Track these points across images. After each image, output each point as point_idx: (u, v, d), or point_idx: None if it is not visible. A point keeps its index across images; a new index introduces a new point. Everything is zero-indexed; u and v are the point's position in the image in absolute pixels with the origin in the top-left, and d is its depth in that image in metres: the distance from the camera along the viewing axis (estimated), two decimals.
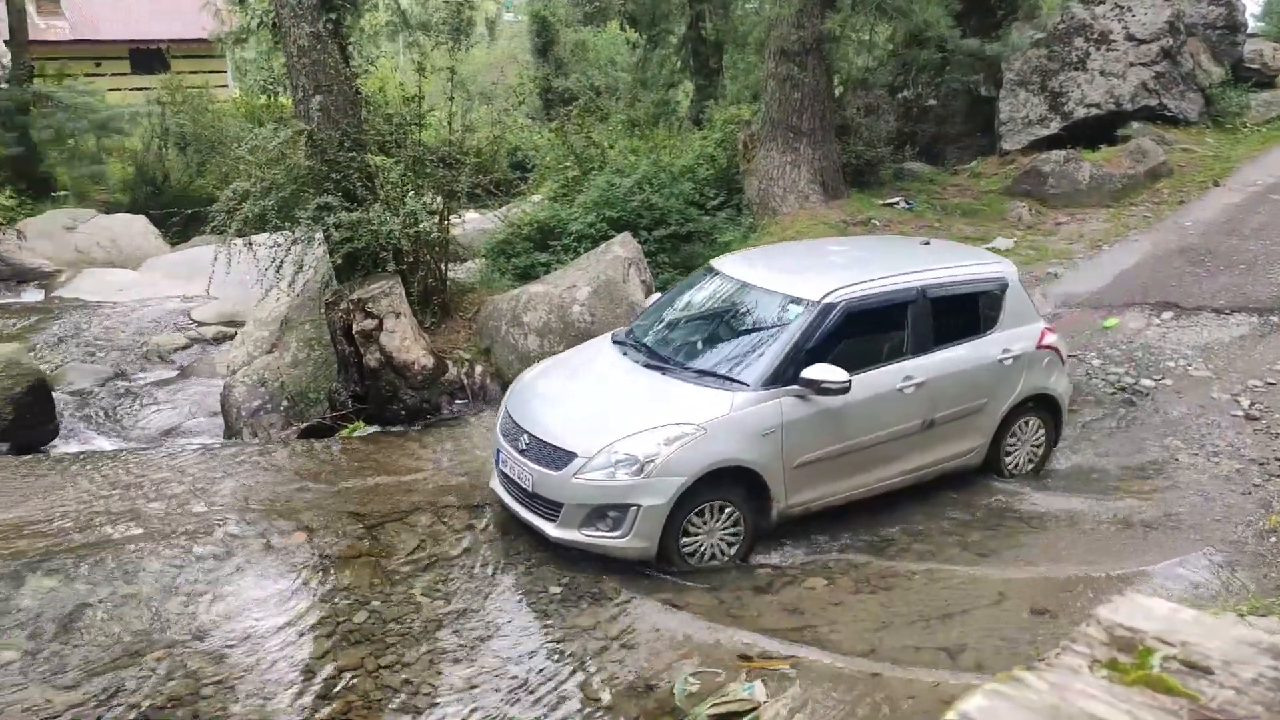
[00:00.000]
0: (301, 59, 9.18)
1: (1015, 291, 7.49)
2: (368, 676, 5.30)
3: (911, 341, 6.94)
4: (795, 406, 6.37)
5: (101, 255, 17.49)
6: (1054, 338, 7.70)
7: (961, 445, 7.29)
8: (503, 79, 29.01)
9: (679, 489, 6.05)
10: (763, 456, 6.31)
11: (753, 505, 6.42)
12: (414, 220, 9.06)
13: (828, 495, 6.74)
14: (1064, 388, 7.79)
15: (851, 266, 7.34)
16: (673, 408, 6.29)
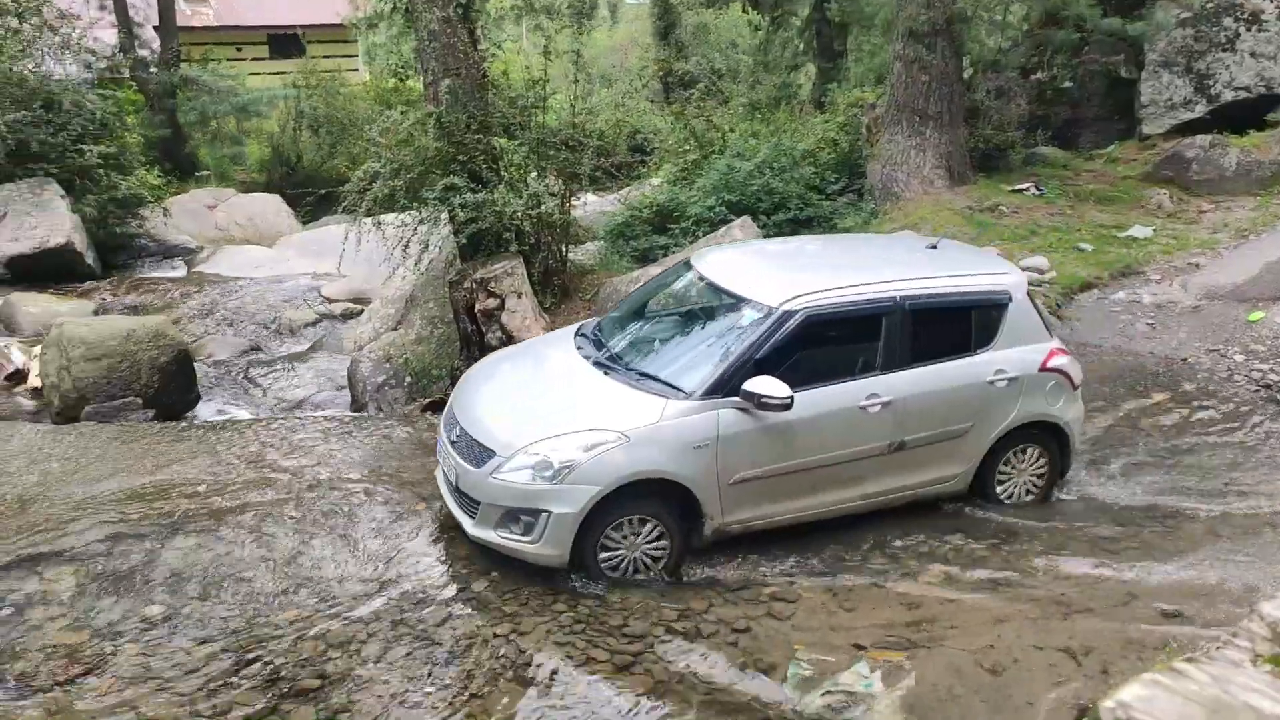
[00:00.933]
0: (432, 43, 9.40)
1: (1020, 307, 6.79)
2: (484, 645, 5.45)
3: (883, 356, 6.39)
4: (735, 420, 5.98)
5: (239, 233, 18.27)
6: (1063, 360, 6.92)
7: (940, 471, 6.71)
8: (624, 62, 29.15)
9: (592, 498, 5.75)
10: (693, 470, 5.93)
11: (681, 520, 6.08)
12: (536, 202, 9.20)
13: (773, 515, 6.33)
14: (1073, 415, 7.01)
15: (830, 270, 6.82)
16: (602, 412, 6.00)
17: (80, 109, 14.93)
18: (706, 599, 5.85)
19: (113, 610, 5.74)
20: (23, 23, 15.61)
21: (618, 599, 5.85)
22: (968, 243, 11.31)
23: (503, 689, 5.16)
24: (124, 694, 5.07)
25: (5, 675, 5.15)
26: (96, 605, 5.77)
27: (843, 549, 6.53)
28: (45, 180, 14.41)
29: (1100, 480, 7.61)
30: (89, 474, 7.41)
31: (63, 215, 14.11)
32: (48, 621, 5.65)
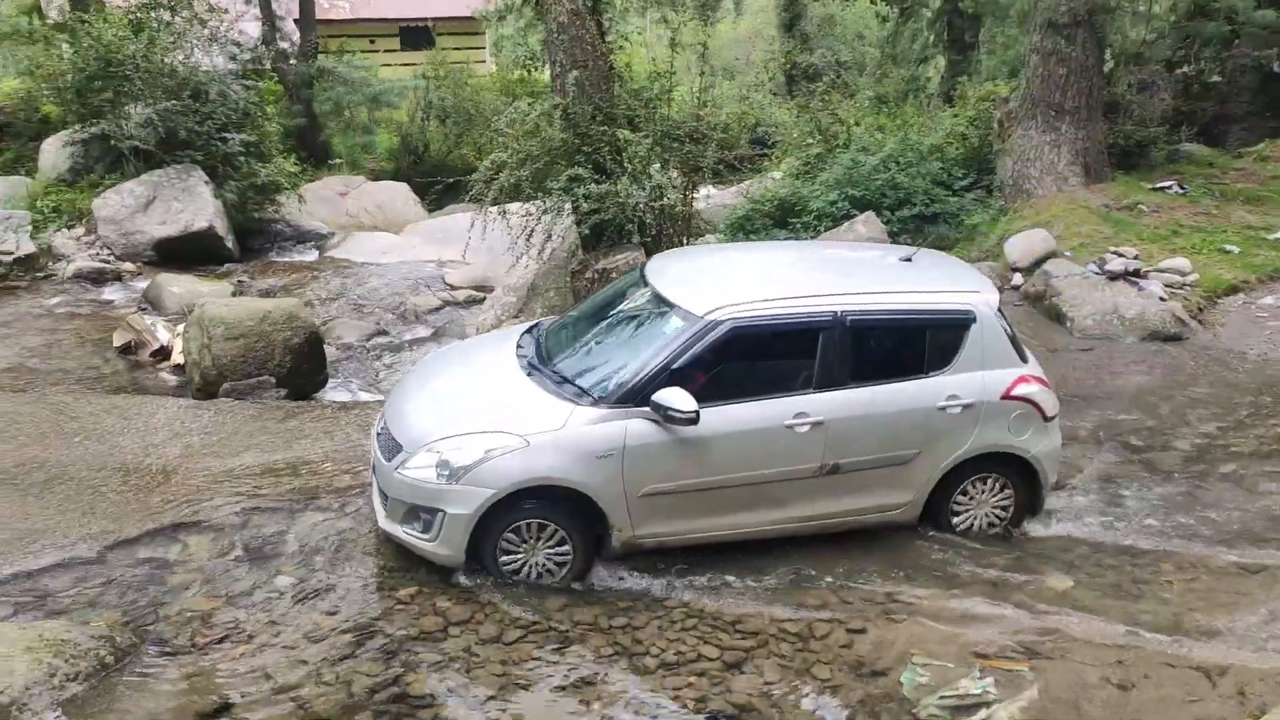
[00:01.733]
0: (560, 35, 9.51)
1: (987, 329, 6.27)
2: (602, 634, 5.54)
3: (818, 374, 6.04)
4: (645, 431, 5.78)
5: (368, 220, 18.83)
6: (1031, 389, 6.36)
7: (882, 498, 6.34)
8: (747, 55, 28.97)
9: (486, 501, 5.69)
10: (596, 480, 5.77)
11: (585, 529, 5.94)
12: (659, 194, 9.23)
13: (691, 531, 6.12)
14: (1043, 448, 6.47)
15: (776, 280, 6.47)
16: (510, 415, 5.91)
17: (225, 99, 15.60)
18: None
19: (246, 579, 6.02)
20: (175, 16, 16.38)
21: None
22: (1102, 241, 10.91)
23: (612, 677, 5.23)
24: (255, 659, 5.30)
25: (150, 636, 5.44)
26: (231, 574, 6.05)
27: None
28: (191, 167, 15.12)
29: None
30: (226, 448, 7.76)
31: (206, 200, 14.78)
32: (186, 587, 5.95)
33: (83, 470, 7.23)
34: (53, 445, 7.64)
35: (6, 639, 4.98)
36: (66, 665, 4.96)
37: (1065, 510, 7.00)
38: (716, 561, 6.23)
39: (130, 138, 14.88)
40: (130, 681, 5.07)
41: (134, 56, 15.03)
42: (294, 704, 4.97)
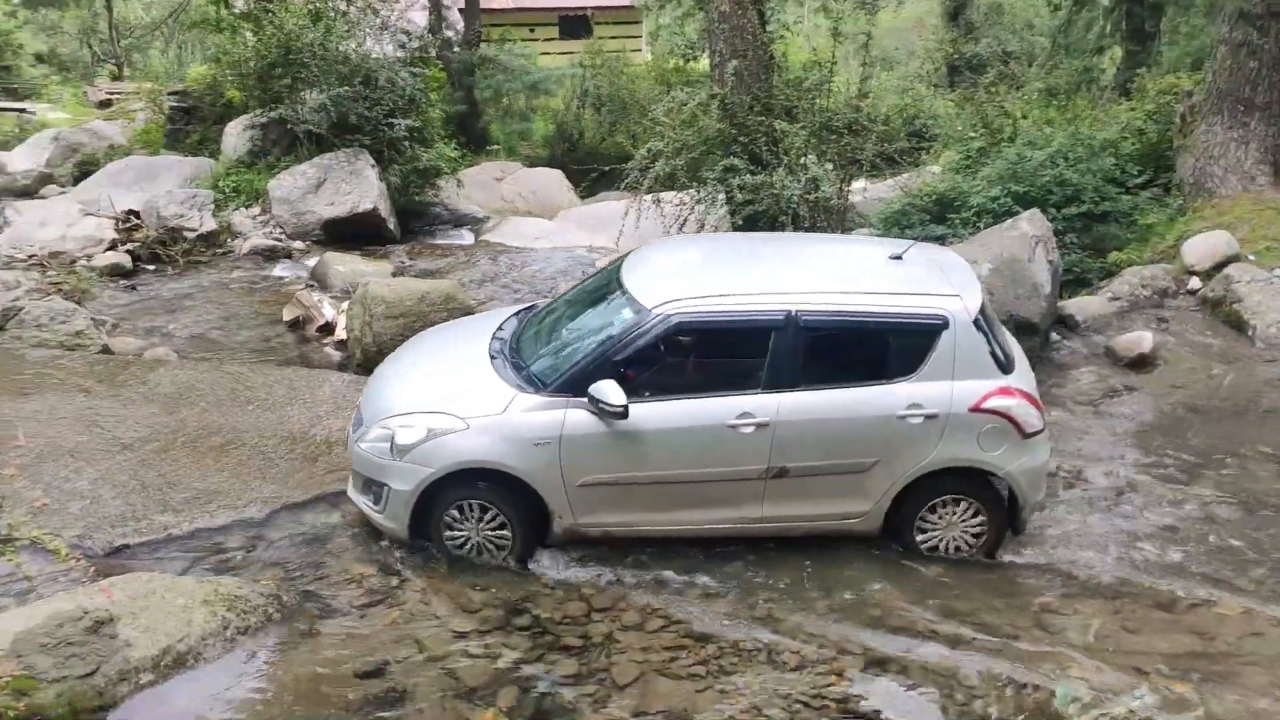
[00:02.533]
0: (721, 24, 9.49)
1: (961, 336, 5.85)
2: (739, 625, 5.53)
3: (767, 374, 5.82)
4: (582, 421, 5.75)
5: (523, 205, 19.24)
6: (1006, 402, 5.89)
7: (838, 507, 6.07)
8: (908, 44, 28.26)
9: (425, 480, 5.85)
10: (533, 466, 5.82)
11: (525, 514, 6.00)
12: (815, 186, 9.11)
13: (635, 524, 6.07)
14: (1020, 465, 5.99)
15: (735, 275, 6.26)
16: (459, 396, 6.02)
17: (394, 86, 16.17)
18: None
19: (401, 549, 6.25)
20: (350, 5, 17.08)
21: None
22: None
23: (754, 668, 5.21)
24: (407, 626, 5.51)
25: (312, 596, 5.73)
26: (388, 543, 6.30)
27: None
28: (359, 150, 15.74)
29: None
30: None
31: (372, 183, 15.36)
32: (345, 552, 6.23)
33: (255, 437, 7.65)
34: (229, 412, 8.10)
35: (186, 591, 5.32)
36: (238, 619, 5.26)
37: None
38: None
39: (305, 122, 15.61)
40: (293, 638, 5.35)
41: (311, 45, 15.75)
42: (443, 671, 5.15)
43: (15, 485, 5.96)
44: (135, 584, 5.26)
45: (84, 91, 34.00)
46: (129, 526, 6.34)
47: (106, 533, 6.23)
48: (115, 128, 22.94)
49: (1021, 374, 6.14)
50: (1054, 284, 9.17)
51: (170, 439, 7.51)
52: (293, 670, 5.11)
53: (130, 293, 12.53)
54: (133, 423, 7.78)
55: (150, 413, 8.00)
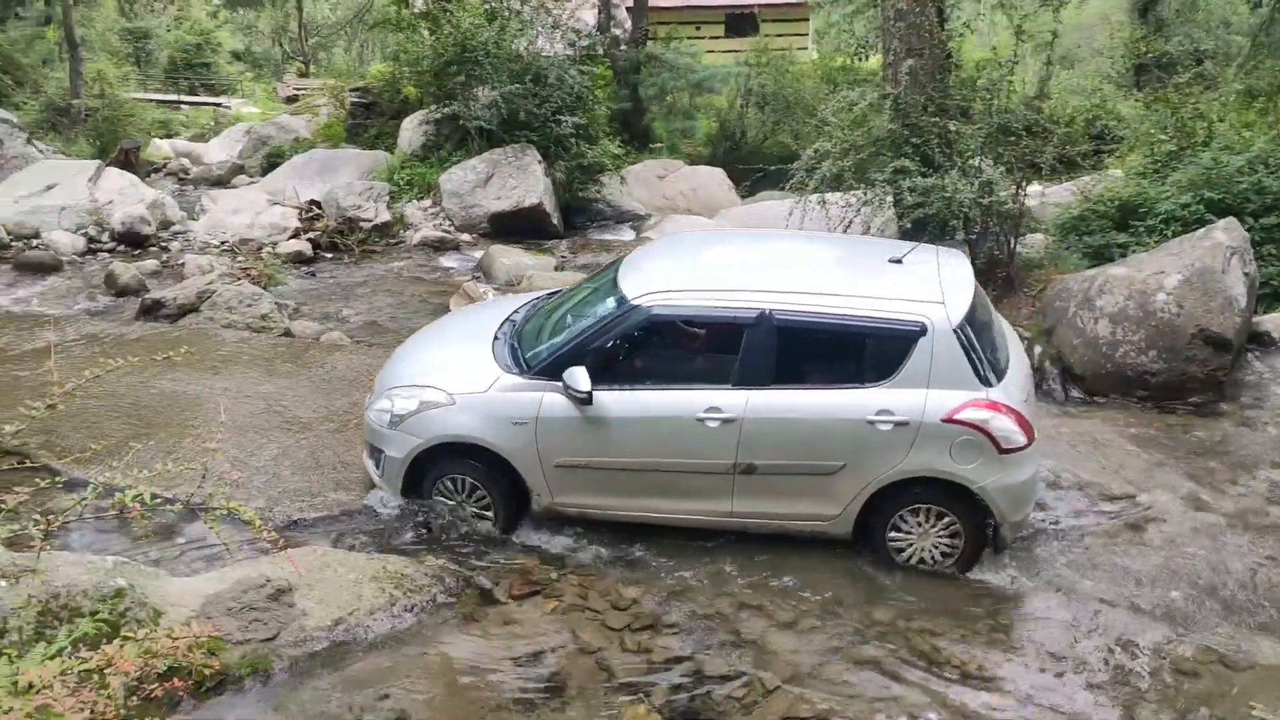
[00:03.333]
0: (897, 22, 9.26)
1: (939, 345, 5.68)
2: (900, 635, 5.40)
3: (738, 371, 5.89)
4: (557, 404, 5.97)
5: (684, 203, 19.29)
6: (981, 415, 5.67)
7: (807, 508, 6.03)
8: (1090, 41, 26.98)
9: (414, 449, 6.16)
10: (511, 444, 6.06)
11: (505, 490, 6.24)
12: (989, 189, 8.79)
13: (611, 508, 6.26)
14: (995, 481, 5.76)
15: (724, 271, 6.38)
16: (452, 373, 6.31)
17: (562, 83, 16.51)
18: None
19: (559, 543, 6.39)
20: (524, 5, 17.52)
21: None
22: None
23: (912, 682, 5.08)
24: (563, 618, 5.60)
25: (474, 581, 5.90)
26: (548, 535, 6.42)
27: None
28: (527, 146, 16.14)
29: None
30: None
31: (538, 178, 15.73)
32: (507, 541, 6.39)
33: None
34: None
35: (357, 567, 5.56)
36: (404, 597, 5.47)
37: None
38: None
39: (476, 118, 16.10)
40: (454, 619, 5.52)
41: (486, 43, 16.25)
42: (598, 664, 5.22)
43: (217, 459, 6.39)
44: (311, 557, 5.54)
45: (274, 88, 35.99)
46: (305, 501, 6.67)
47: (285, 506, 6.58)
48: (301, 122, 24.22)
49: (1011, 387, 5.91)
50: (1250, 298, 8.58)
51: (345, 420, 7.86)
52: (453, 651, 5.27)
53: (310, 279, 13.21)
54: (311, 403, 8.19)
55: (327, 394, 8.40)
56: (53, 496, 6.12)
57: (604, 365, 6.04)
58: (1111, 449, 7.61)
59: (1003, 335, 6.42)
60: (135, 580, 4.88)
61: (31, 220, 14.11)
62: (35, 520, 3.11)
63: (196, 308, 10.86)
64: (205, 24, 42.45)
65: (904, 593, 5.93)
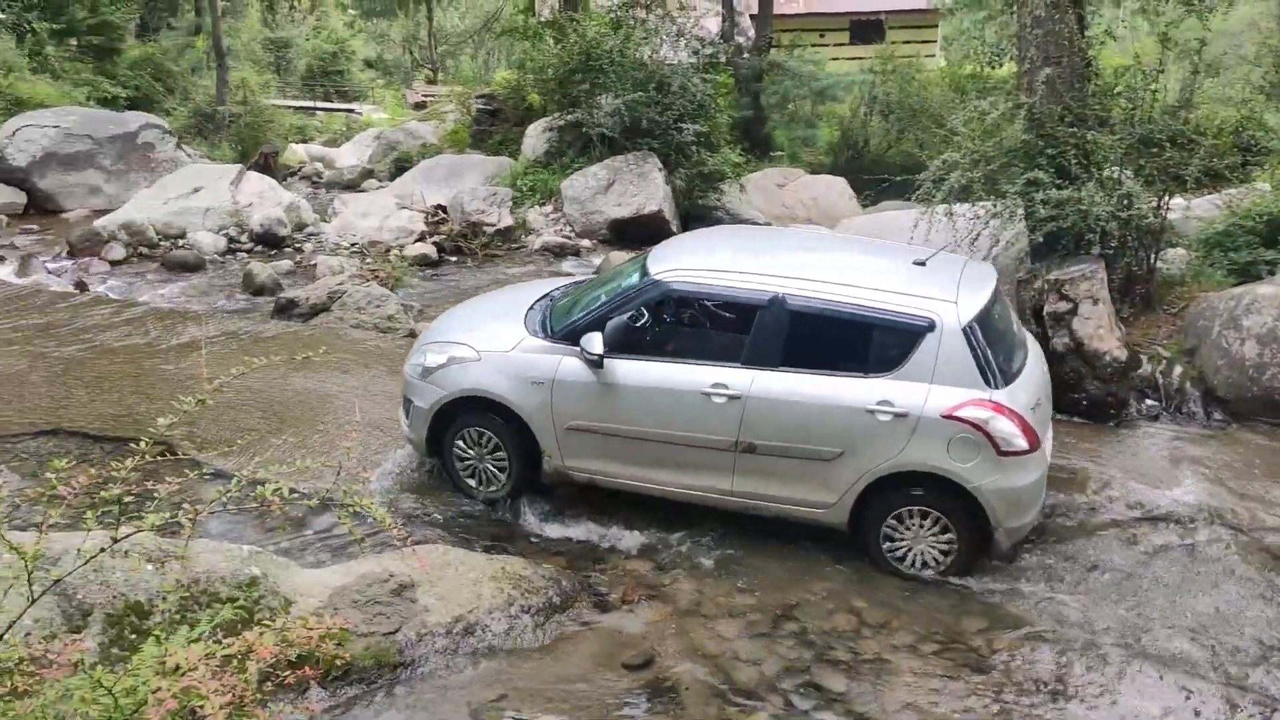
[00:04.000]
0: (1035, 29, 8.98)
1: (946, 342, 5.77)
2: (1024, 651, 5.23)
3: (749, 350, 6.08)
4: (573, 368, 6.23)
5: (803, 212, 19.10)
6: (982, 414, 5.68)
7: (804, 493, 6.07)
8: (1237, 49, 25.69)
9: (439, 400, 6.49)
10: (528, 403, 6.32)
11: (520, 448, 6.47)
12: (1128, 203, 8.44)
13: (617, 476, 6.43)
14: (992, 482, 5.73)
15: (743, 257, 6.59)
16: (482, 333, 6.67)
17: (685, 91, 16.54)
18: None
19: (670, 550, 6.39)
20: (649, 13, 17.64)
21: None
22: None
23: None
24: (677, 623, 5.61)
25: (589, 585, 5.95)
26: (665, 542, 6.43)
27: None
28: (648, 154, 16.22)
29: None
30: None
31: (658, 186, 15.79)
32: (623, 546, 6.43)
33: None
34: None
35: (477, 566, 5.67)
36: (522, 598, 5.55)
37: None
38: None
39: (599, 125, 16.27)
40: (569, 623, 5.58)
41: (610, 51, 16.41)
42: (711, 670, 5.20)
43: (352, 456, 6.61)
44: (433, 554, 5.67)
45: (403, 94, 37.17)
46: (428, 500, 6.83)
47: (409, 504, 6.75)
48: (428, 128, 24.95)
49: (1018, 392, 5.92)
50: None
51: None
52: (566, 652, 5.33)
53: (434, 281, 13.55)
54: None
55: None
56: (196, 486, 6.46)
57: (621, 335, 6.31)
58: (1252, 476, 7.23)
59: (1022, 345, 6.51)
60: (268, 569, 5.08)
61: (178, 221, 14.87)
62: (184, 510, 3.26)
63: (327, 307, 11.26)
64: (341, 33, 44.14)
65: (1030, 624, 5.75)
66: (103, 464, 4.05)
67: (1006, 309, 6.66)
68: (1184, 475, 7.19)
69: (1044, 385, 6.47)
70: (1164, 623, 5.70)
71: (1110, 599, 5.93)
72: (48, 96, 22.83)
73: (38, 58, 26.80)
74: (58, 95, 23.34)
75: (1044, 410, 6.25)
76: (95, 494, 3.35)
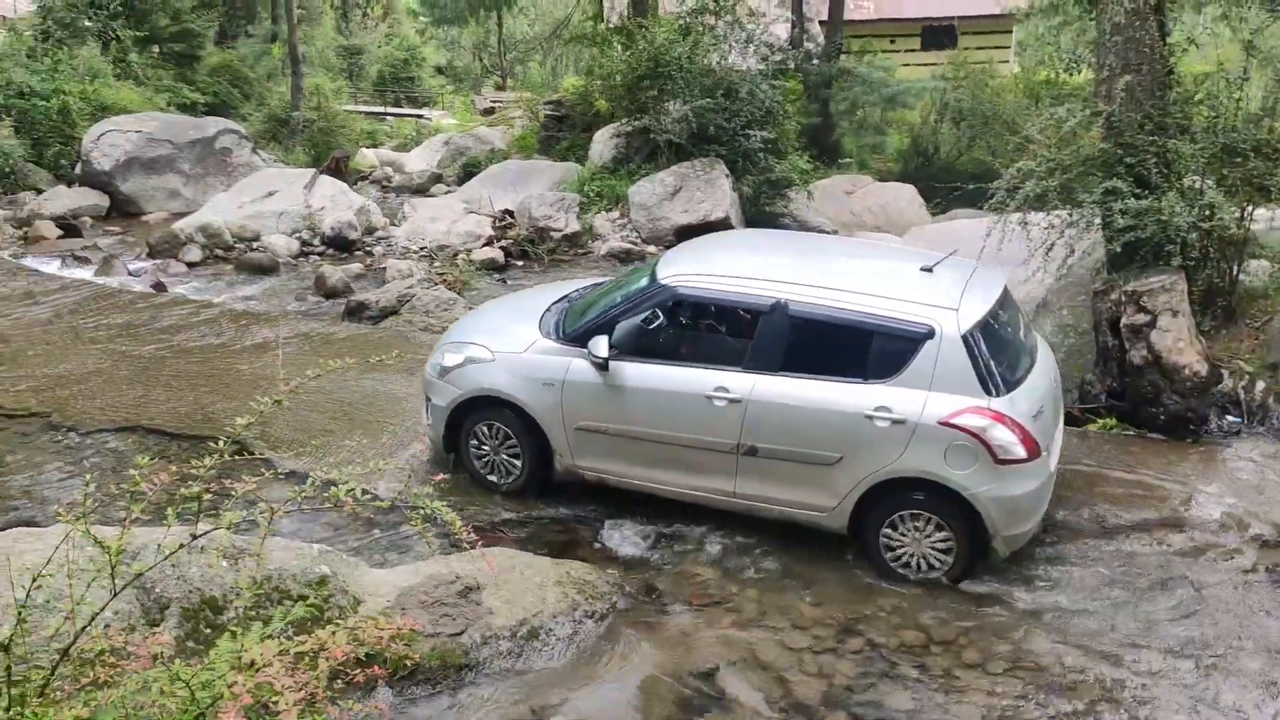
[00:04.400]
0: (1114, 36, 8.76)
1: (945, 349, 5.79)
2: None
3: (751, 354, 6.17)
4: (583, 370, 6.37)
5: (871, 220, 18.94)
6: (979, 422, 5.69)
7: (805, 496, 6.15)
8: None
9: (455, 399, 6.73)
10: (539, 403, 6.51)
11: (533, 446, 6.67)
12: (1210, 213, 8.20)
13: (625, 475, 6.58)
14: (989, 490, 5.74)
15: (750, 263, 6.64)
16: (498, 335, 6.90)
17: (753, 98, 16.51)
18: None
19: (739, 559, 6.36)
20: (718, 20, 17.63)
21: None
22: None
23: None
24: (741, 633, 5.56)
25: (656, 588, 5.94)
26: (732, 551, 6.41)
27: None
28: (715, 160, 16.21)
29: None
30: None
31: (725, 192, 15.76)
32: (689, 555, 6.42)
33: None
34: None
35: (542, 570, 5.69)
36: (586, 603, 5.56)
37: None
38: None
39: (666, 132, 16.30)
40: (633, 628, 5.57)
41: (679, 58, 16.43)
42: (775, 683, 5.15)
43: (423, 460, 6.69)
44: (500, 557, 5.70)
45: (472, 100, 37.59)
46: (493, 503, 6.88)
47: (474, 507, 6.80)
48: (496, 133, 25.20)
49: (1019, 400, 5.89)
50: None
51: None
52: (630, 658, 5.31)
53: (501, 285, 13.68)
54: None
55: None
56: (270, 485, 6.59)
57: (629, 338, 6.51)
58: None
59: (1031, 350, 6.52)
60: (337, 568, 5.15)
61: (253, 224, 15.22)
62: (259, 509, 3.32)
63: (397, 310, 11.44)
64: (412, 40, 44.81)
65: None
66: (181, 461, 4.15)
67: (1016, 314, 6.69)
68: (1270, 493, 6.97)
69: (1050, 391, 6.44)
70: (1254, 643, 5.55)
71: (1193, 619, 5.77)
72: (131, 102, 23.53)
73: (121, 64, 27.64)
74: (140, 101, 24.04)
75: (1048, 417, 6.20)
76: (174, 491, 3.43)
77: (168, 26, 30.76)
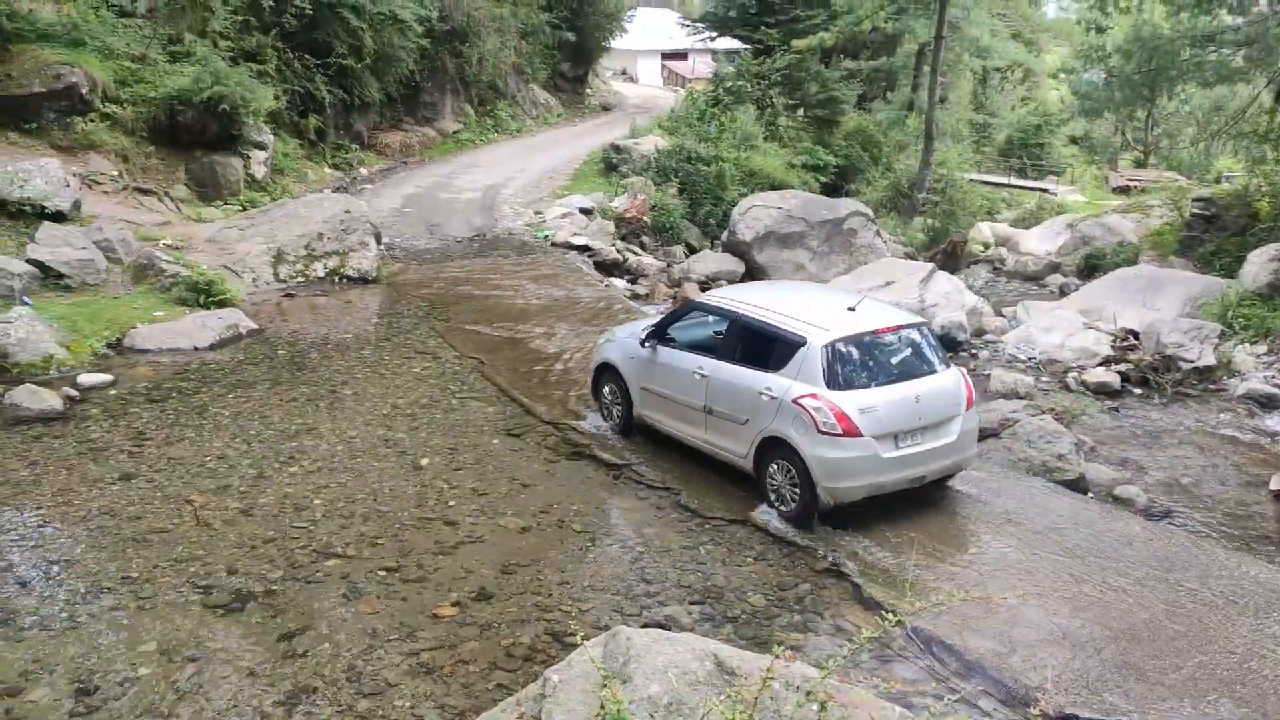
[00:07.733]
0: None
1: (810, 354, 8.46)
2: None
3: (720, 348, 9.36)
4: (644, 351, 10.02)
5: None
6: (811, 403, 8.27)
7: (732, 444, 9.07)
8: None
9: (598, 360, 10.82)
10: (627, 369, 10.27)
11: (623, 398, 10.37)
12: None
13: (661, 423, 9.96)
14: (812, 450, 8.23)
15: (747, 294, 10.26)
16: (625, 330, 11.01)
17: None
18: None
19: None
20: None
21: None
22: None
23: None
24: None
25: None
26: None
27: None
28: None
29: None
30: None
31: None
32: None
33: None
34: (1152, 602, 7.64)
35: None
36: None
37: None
38: None
39: None
40: None
41: None
42: None
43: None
44: None
45: (1105, 176, 35.52)
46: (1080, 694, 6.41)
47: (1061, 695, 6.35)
48: (1128, 224, 23.48)
49: (856, 397, 8.35)
50: None
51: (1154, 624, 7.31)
52: None
53: (1112, 416, 12.79)
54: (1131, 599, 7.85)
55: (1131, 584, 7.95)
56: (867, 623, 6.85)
57: (664, 335, 9.96)
58: None
59: (910, 375, 8.78)
60: None
61: None
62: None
63: (997, 434, 11.23)
64: (1050, 105, 43.41)
65: None
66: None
67: (909, 346, 9.02)
68: None
69: (913, 405, 8.50)
70: None
71: None
72: (774, 169, 26.03)
73: (770, 126, 30.68)
74: (782, 169, 26.48)
75: (899, 419, 8.40)
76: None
77: (816, 93, 33.50)
